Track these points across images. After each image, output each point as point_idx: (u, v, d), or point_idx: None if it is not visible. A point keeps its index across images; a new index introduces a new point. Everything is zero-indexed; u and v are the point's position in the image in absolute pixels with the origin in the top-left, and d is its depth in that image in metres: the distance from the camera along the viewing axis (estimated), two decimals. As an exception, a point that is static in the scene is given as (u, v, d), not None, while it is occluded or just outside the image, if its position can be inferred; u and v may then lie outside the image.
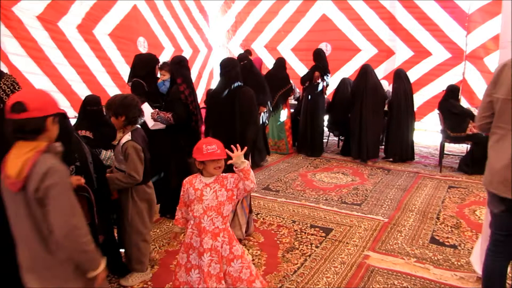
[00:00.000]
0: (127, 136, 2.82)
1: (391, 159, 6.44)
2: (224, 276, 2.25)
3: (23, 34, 5.24)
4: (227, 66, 3.69)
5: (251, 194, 4.24)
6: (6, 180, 1.69)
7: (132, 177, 2.80)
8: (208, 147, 2.18)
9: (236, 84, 3.62)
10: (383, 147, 6.67)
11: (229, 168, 2.27)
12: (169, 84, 4.15)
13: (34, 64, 5.41)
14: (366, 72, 6.28)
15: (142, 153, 2.83)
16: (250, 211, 3.82)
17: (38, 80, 5.39)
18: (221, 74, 3.72)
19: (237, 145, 2.21)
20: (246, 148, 2.24)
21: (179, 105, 3.85)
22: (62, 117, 2.60)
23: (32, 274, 1.76)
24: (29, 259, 1.75)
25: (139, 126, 3.00)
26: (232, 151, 2.19)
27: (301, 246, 3.57)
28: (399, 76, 6.39)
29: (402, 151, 6.35)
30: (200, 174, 2.28)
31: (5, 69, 5.30)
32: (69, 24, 5.76)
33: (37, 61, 5.42)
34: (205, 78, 9.37)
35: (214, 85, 9.53)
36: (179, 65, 3.98)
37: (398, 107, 6.27)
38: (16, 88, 2.02)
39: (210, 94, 4.09)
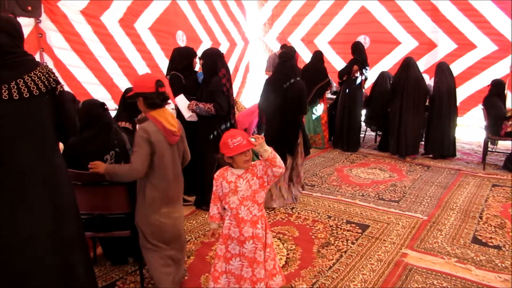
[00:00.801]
0: None
1: (431, 156, 6.25)
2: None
3: (67, 29, 5.42)
4: (283, 57, 4.30)
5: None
6: (172, 136, 2.49)
7: None
8: (234, 141, 2.16)
9: (290, 78, 4.13)
10: (423, 143, 6.48)
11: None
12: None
13: (77, 57, 5.59)
14: (408, 65, 6.09)
15: None
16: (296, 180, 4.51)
17: (81, 73, 5.57)
18: (278, 64, 4.33)
19: (261, 136, 2.19)
20: (264, 137, 2.20)
21: (221, 96, 3.88)
22: (102, 108, 2.72)
23: (180, 200, 2.71)
24: (180, 186, 2.68)
25: None
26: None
27: (336, 242, 3.53)
28: (442, 70, 6.17)
29: (443, 148, 6.14)
30: (230, 167, 2.29)
31: (50, 62, 5.52)
32: (111, 18, 5.91)
33: (81, 54, 5.60)
34: (242, 72, 9.41)
35: (250, 78, 9.61)
36: (221, 58, 4.02)
37: (440, 102, 6.06)
38: (52, 77, 2.05)
39: (265, 83, 4.39)
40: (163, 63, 6.51)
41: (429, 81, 6.89)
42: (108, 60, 5.92)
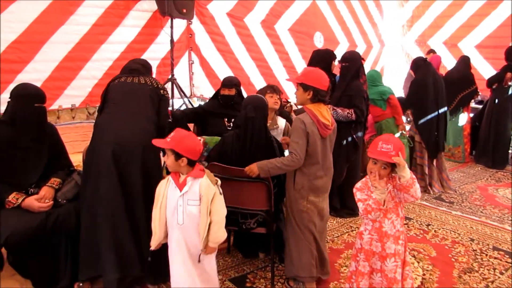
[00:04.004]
0: None
1: None
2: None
3: (214, 29, 5.80)
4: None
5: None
6: (325, 129, 2.60)
7: None
8: (384, 146, 2.02)
9: None
10: None
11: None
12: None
13: (220, 56, 5.95)
14: None
15: None
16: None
17: (222, 71, 5.91)
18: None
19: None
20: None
21: (362, 101, 3.81)
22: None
23: (327, 192, 2.85)
24: (329, 178, 2.81)
25: None
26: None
27: (481, 269, 3.18)
28: None
29: None
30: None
31: (196, 60, 5.97)
32: (254, 20, 6.15)
33: (223, 54, 5.94)
34: (376, 75, 9.07)
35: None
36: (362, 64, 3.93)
37: None
38: (158, 84, 2.87)
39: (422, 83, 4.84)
40: (300, 64, 6.57)
41: None
42: (247, 60, 6.17)
